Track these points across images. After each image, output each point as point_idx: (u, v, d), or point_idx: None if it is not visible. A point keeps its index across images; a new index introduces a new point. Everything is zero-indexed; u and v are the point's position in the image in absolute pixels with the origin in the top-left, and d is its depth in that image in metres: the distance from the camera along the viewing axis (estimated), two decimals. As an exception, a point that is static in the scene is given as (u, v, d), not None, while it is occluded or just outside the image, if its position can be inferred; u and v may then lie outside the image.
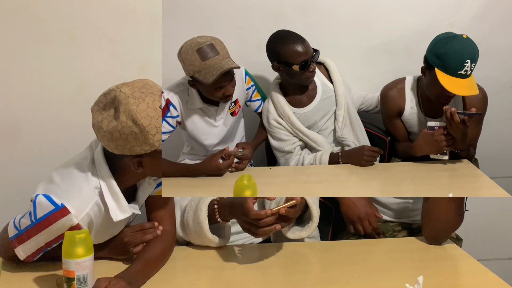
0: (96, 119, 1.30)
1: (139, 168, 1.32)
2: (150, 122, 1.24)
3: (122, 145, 1.27)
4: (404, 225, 2.01)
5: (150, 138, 1.25)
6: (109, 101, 1.29)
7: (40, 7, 2.10)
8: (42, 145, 2.21)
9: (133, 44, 2.17)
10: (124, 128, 1.24)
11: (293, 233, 1.58)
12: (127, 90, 1.26)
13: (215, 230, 1.55)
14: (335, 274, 1.44)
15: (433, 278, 1.36)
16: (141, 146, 1.27)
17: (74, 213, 1.28)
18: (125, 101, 1.24)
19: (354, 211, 1.83)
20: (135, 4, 2.14)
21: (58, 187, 1.31)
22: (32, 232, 1.31)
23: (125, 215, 1.37)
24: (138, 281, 1.34)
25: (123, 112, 1.24)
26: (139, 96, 1.25)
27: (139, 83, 1.29)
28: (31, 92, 2.17)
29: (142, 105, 1.24)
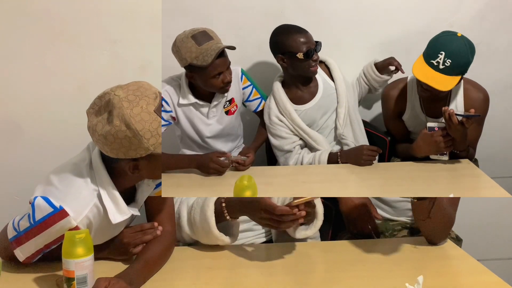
0: (91, 122, 1.29)
1: (135, 171, 1.32)
2: (144, 126, 1.23)
3: (117, 149, 1.26)
4: (404, 225, 2.01)
5: (145, 142, 1.24)
6: (103, 104, 1.28)
7: (40, 7, 2.10)
8: (42, 145, 2.20)
9: (133, 44, 2.17)
10: (117, 132, 1.23)
11: (299, 233, 1.58)
12: (121, 93, 1.25)
13: (223, 229, 1.54)
14: (335, 274, 1.44)
15: (433, 278, 1.36)
16: (135, 150, 1.26)
17: (73, 215, 1.28)
18: (119, 105, 1.23)
19: (353, 210, 1.84)
20: (135, 4, 2.14)
21: (56, 189, 1.31)
22: (30, 234, 1.31)
23: (124, 217, 1.37)
24: (138, 281, 1.34)
25: (117, 116, 1.23)
26: (133, 99, 1.24)
27: (133, 86, 1.28)
28: (31, 92, 2.17)
29: (136, 109, 1.23)
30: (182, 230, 1.59)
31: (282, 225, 1.39)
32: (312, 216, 1.58)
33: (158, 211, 1.52)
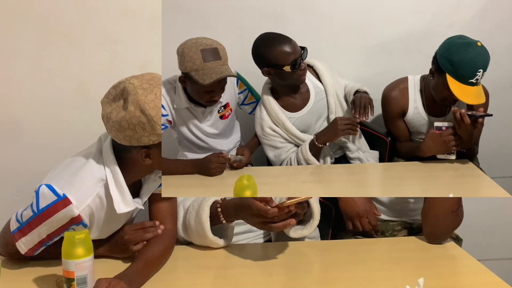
0: (106, 111, 1.33)
1: (147, 159, 1.34)
2: (158, 112, 1.27)
3: (130, 136, 1.29)
4: (404, 225, 2.01)
5: (158, 128, 1.28)
6: (118, 92, 1.32)
7: (40, 7, 2.10)
8: (42, 145, 2.20)
9: (133, 44, 2.17)
10: (132, 118, 1.27)
11: (295, 232, 1.59)
12: (136, 82, 1.29)
13: (218, 231, 1.55)
14: (335, 274, 1.44)
15: (433, 278, 1.35)
16: (148, 136, 1.29)
17: (76, 203, 1.29)
18: (134, 91, 1.27)
19: (353, 208, 1.83)
20: (135, 4, 2.14)
21: (61, 177, 1.33)
22: (34, 223, 1.31)
23: (129, 208, 1.38)
24: (138, 281, 1.34)
25: (132, 102, 1.27)
26: (148, 87, 1.28)
27: (148, 76, 1.32)
28: (31, 92, 2.17)
29: (150, 95, 1.27)
30: (177, 233, 1.59)
31: (274, 227, 1.40)
32: (309, 216, 1.58)
33: (160, 209, 1.53)
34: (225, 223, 1.52)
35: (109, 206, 1.36)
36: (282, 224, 1.38)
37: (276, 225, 1.39)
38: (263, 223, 1.41)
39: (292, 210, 1.37)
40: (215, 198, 1.55)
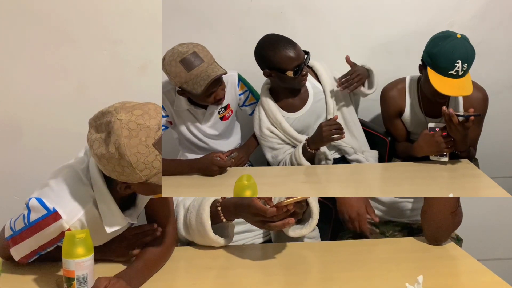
0: (90, 136, 1.26)
1: (127, 190, 1.30)
2: (139, 159, 1.19)
3: (110, 171, 1.24)
4: (404, 225, 2.01)
5: (137, 173, 1.21)
6: (104, 122, 1.24)
7: (40, 7, 2.10)
8: (42, 145, 2.20)
9: (133, 44, 2.17)
10: (111, 159, 1.20)
11: (294, 231, 1.59)
12: (124, 118, 1.20)
13: (218, 230, 1.55)
14: (335, 274, 1.44)
15: (433, 278, 1.35)
16: (127, 177, 1.23)
17: (66, 218, 1.27)
18: (118, 131, 1.19)
19: (348, 209, 1.83)
20: (135, 4, 2.14)
21: (52, 191, 1.31)
22: (25, 234, 1.30)
23: (119, 227, 1.36)
24: (137, 280, 1.34)
25: (113, 143, 1.19)
26: (135, 128, 1.19)
27: (138, 111, 1.22)
28: (31, 92, 2.17)
29: (134, 140, 1.19)
30: (178, 232, 1.60)
31: (273, 226, 1.40)
32: (308, 215, 1.58)
33: (158, 212, 1.52)
34: (225, 221, 1.52)
35: (102, 219, 1.34)
36: (281, 223, 1.38)
37: (275, 224, 1.39)
38: (262, 222, 1.41)
39: (291, 210, 1.38)
40: (215, 197, 1.55)
